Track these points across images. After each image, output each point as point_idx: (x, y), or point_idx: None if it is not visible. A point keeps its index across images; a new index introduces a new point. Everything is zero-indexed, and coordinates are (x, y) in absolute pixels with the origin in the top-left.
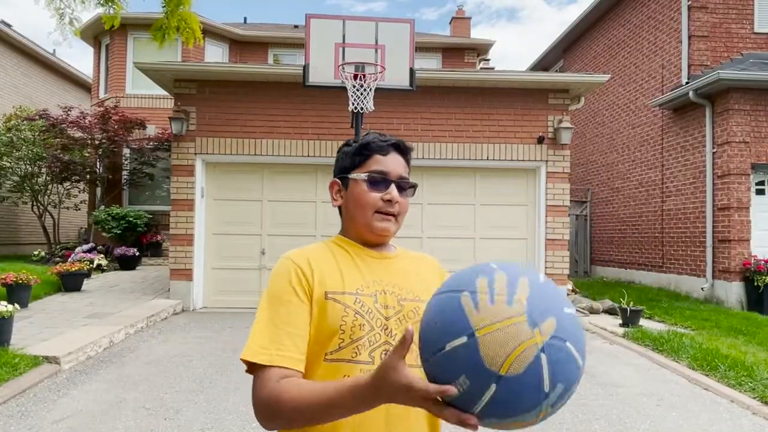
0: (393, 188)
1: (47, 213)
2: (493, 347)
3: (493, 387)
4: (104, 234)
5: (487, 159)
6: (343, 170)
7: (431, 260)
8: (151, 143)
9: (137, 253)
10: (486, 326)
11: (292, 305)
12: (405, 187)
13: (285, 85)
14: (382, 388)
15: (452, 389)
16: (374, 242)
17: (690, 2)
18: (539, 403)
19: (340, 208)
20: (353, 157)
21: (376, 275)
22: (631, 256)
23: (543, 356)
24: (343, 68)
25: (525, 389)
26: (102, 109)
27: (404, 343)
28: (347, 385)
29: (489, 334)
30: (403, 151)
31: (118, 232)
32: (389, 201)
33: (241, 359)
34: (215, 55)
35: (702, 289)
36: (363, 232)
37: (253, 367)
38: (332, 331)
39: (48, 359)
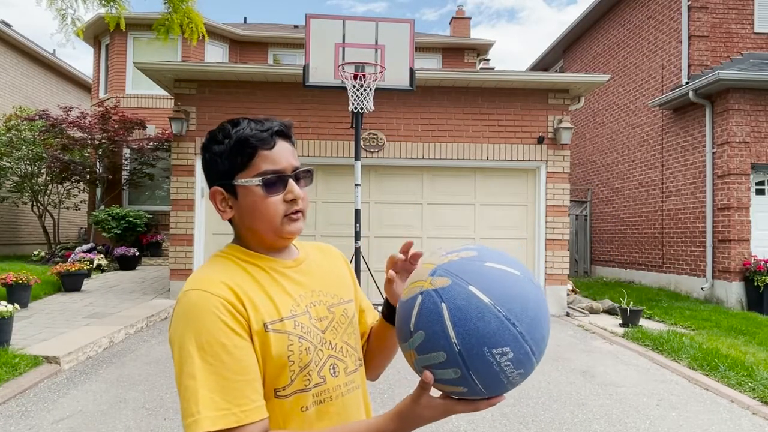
0: (293, 185)
1: (47, 213)
2: (410, 278)
3: (399, 307)
4: (104, 234)
5: (487, 159)
6: (221, 175)
7: (333, 250)
8: (151, 143)
9: (137, 253)
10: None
11: (236, 348)
12: (301, 176)
13: (285, 85)
14: (409, 427)
15: (428, 375)
16: (281, 247)
17: (690, 2)
18: (407, 338)
19: (230, 219)
20: (231, 157)
21: (300, 288)
22: (631, 256)
23: (419, 298)
24: (343, 68)
25: (403, 315)
26: (102, 109)
27: (425, 388)
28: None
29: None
30: (287, 135)
31: (118, 232)
32: (293, 200)
33: None
34: (215, 55)
35: (702, 289)
36: (270, 240)
37: None
38: (280, 365)
39: (48, 359)
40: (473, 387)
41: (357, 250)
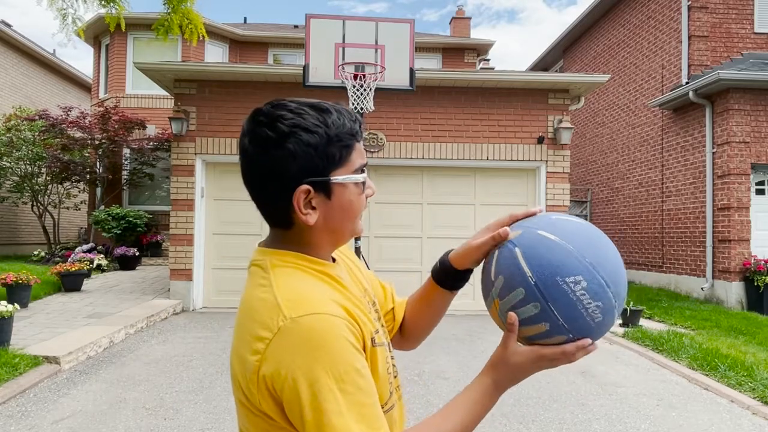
0: (369, 180)
1: (47, 213)
2: None
3: (482, 269)
4: (104, 234)
5: (487, 159)
6: (312, 171)
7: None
8: (151, 143)
9: (137, 253)
10: None
11: (365, 369)
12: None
13: (285, 85)
14: (510, 377)
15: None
16: (335, 249)
17: (690, 2)
18: (490, 289)
19: (292, 219)
20: (329, 149)
21: (356, 291)
22: (631, 256)
23: (496, 251)
24: (343, 68)
25: (485, 272)
26: (102, 109)
27: (512, 330)
28: (478, 394)
29: None
30: None
31: (118, 232)
32: (369, 196)
33: None
34: (215, 55)
35: (702, 289)
36: (340, 243)
37: None
38: (383, 379)
39: (48, 359)
40: (555, 321)
41: (357, 250)
